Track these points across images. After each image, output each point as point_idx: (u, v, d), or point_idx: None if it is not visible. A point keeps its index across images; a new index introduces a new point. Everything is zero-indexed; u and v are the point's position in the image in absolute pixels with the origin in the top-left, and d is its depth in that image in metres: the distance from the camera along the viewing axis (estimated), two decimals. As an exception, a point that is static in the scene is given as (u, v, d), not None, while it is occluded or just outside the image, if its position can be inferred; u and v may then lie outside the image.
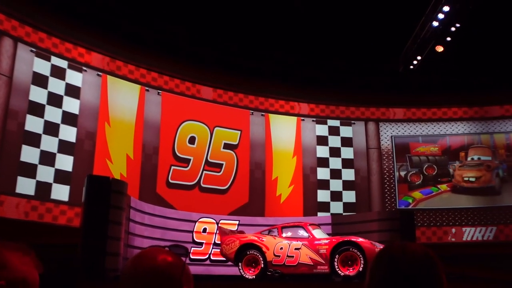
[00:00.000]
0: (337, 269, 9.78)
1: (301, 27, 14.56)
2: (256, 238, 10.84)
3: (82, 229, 9.20)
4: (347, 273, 9.70)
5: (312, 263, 10.09)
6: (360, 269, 9.55)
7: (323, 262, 9.98)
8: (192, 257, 12.47)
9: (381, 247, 9.65)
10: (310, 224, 11.02)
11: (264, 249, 10.54)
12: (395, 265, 1.68)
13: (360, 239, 9.93)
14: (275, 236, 10.78)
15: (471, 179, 16.49)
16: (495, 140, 16.74)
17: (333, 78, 16.31)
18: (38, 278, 1.68)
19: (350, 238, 10.08)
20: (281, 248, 10.41)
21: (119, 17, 13.50)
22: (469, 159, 16.69)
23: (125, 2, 13.34)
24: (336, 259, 9.81)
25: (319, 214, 15.45)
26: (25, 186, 11.23)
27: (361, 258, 9.58)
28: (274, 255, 10.40)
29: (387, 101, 16.88)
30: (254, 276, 10.45)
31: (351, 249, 9.79)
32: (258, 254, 10.55)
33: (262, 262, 10.46)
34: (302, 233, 10.64)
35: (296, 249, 10.29)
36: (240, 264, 10.67)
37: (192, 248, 12.53)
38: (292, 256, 10.26)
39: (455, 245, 15.75)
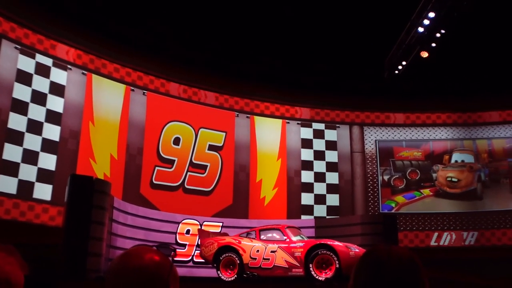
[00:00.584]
0: (312, 272, 9.74)
1: (288, 30, 14.60)
2: (233, 241, 10.81)
3: (64, 229, 9.13)
4: (323, 275, 9.67)
5: (287, 266, 10.05)
6: (336, 270, 9.50)
7: (298, 265, 9.94)
8: (175, 259, 12.40)
9: (356, 250, 9.73)
10: (288, 227, 10.93)
11: (241, 251, 10.51)
12: (380, 269, 1.69)
13: (336, 242, 9.86)
14: (253, 238, 10.76)
15: (453, 179, 16.66)
16: (478, 146, 16.93)
17: (318, 81, 16.37)
18: (22, 279, 1.67)
19: (325, 241, 10.04)
20: (258, 251, 10.39)
21: (105, 16, 13.42)
22: (452, 161, 16.88)
23: (112, 1, 13.26)
24: (311, 263, 9.75)
25: (303, 217, 15.48)
26: (7, 184, 11.09)
27: (336, 260, 9.53)
28: (251, 257, 10.38)
29: (372, 105, 17.00)
30: (232, 278, 10.43)
31: (321, 251, 9.71)
32: (235, 257, 10.53)
33: (238, 264, 10.44)
34: (279, 236, 10.60)
35: (272, 251, 10.26)
36: (218, 266, 10.69)
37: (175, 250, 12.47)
38: (268, 259, 10.23)
39: (437, 250, 15.88)
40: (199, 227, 12.60)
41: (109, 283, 1.64)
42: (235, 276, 10.39)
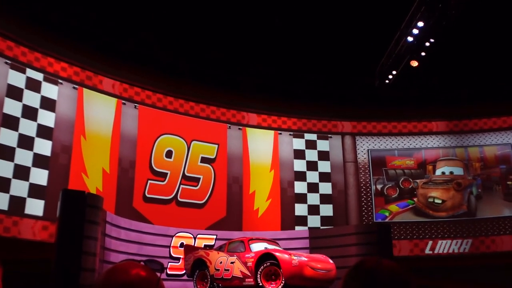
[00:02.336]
0: (261, 283, 9.89)
1: (278, 41, 14.65)
2: (204, 254, 11.19)
3: (57, 244, 9.04)
4: (271, 287, 9.76)
5: (241, 276, 10.27)
6: (281, 285, 9.63)
7: (249, 274, 10.13)
8: (169, 272, 12.36)
9: (303, 258, 9.94)
10: (253, 239, 11.13)
11: (208, 263, 10.89)
12: (371, 281, 1.68)
13: (279, 253, 9.96)
14: (220, 251, 11.08)
15: (436, 200, 16.51)
16: (470, 154, 16.98)
17: (310, 91, 16.42)
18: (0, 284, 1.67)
19: (271, 250, 10.19)
20: (221, 262, 10.71)
21: (95, 29, 13.42)
22: (438, 172, 16.82)
23: (102, 14, 13.27)
24: (259, 272, 9.92)
25: (297, 228, 15.45)
26: (-2, 200, 11.02)
27: (280, 271, 9.67)
28: (215, 269, 10.71)
29: (364, 115, 17.05)
30: None
31: (267, 262, 9.89)
32: (206, 269, 10.93)
33: (208, 276, 10.83)
34: (242, 248, 10.83)
35: (231, 263, 10.53)
36: (195, 279, 11.13)
37: (169, 263, 12.43)
38: (228, 270, 10.50)
39: (432, 258, 15.87)
40: (185, 244, 12.61)
41: None
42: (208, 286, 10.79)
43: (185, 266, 11.69)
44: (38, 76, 12.37)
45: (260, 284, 9.84)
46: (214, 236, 13.26)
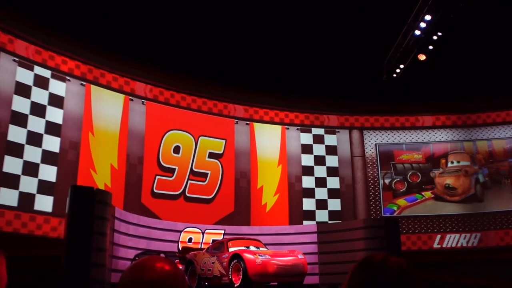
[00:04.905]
0: (232, 279, 10.39)
1: (285, 36, 14.63)
2: (193, 255, 11.76)
3: (66, 240, 9.10)
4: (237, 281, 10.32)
5: (219, 275, 10.80)
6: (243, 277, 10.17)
7: (225, 273, 10.64)
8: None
9: (266, 257, 10.43)
10: (233, 239, 11.49)
11: (195, 263, 11.51)
12: (375, 275, 1.70)
13: (246, 254, 10.32)
14: (207, 252, 11.57)
15: (451, 186, 16.62)
16: (478, 147, 16.93)
17: (317, 86, 16.39)
18: (6, 278, 1.71)
19: (239, 251, 10.56)
20: (205, 263, 11.25)
21: (103, 27, 13.47)
22: (449, 164, 16.85)
23: (109, 12, 13.31)
24: (231, 270, 10.44)
25: (305, 222, 15.46)
26: (8, 197, 11.10)
27: (242, 268, 10.18)
28: (201, 269, 11.29)
29: (371, 109, 17.00)
30: (194, 286, 11.41)
31: (235, 261, 10.38)
32: (195, 268, 11.57)
33: (196, 274, 11.45)
34: (222, 248, 11.23)
35: (212, 263, 11.07)
36: (188, 276, 11.62)
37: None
38: (210, 269, 11.04)
39: (440, 252, 15.85)
40: (181, 247, 12.82)
41: None
42: (196, 284, 11.41)
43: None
44: (46, 73, 12.43)
45: (232, 279, 10.38)
46: (222, 231, 13.31)
